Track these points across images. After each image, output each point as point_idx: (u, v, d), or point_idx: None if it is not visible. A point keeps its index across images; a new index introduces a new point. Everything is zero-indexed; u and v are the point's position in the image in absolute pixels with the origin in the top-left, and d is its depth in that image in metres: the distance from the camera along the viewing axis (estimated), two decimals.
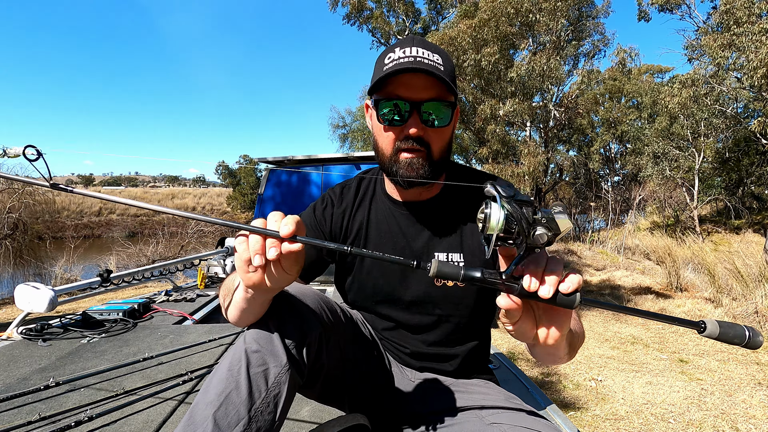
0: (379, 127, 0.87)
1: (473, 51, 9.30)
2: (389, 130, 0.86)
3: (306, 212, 0.99)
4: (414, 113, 0.82)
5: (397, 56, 0.82)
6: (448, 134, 0.88)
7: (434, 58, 0.82)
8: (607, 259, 10.02)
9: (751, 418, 2.83)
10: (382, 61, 0.85)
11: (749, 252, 6.56)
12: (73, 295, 2.56)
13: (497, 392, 0.91)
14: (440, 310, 0.94)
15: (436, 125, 0.84)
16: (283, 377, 0.68)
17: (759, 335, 0.54)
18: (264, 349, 0.68)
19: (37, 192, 10.58)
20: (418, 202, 0.95)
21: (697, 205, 12.56)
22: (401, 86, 0.82)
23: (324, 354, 0.78)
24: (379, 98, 0.84)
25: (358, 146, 19.90)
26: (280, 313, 0.72)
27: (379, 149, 0.90)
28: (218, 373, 0.67)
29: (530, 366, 3.79)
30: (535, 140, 11.76)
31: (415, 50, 0.82)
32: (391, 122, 0.84)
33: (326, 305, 0.82)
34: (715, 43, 7.93)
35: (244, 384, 0.64)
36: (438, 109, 0.83)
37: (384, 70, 0.82)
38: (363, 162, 3.89)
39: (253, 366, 0.66)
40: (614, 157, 18.60)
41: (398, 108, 0.83)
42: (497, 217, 0.51)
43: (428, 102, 0.82)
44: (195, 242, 10.99)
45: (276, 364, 0.68)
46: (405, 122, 0.83)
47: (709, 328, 0.54)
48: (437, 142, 0.86)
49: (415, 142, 0.84)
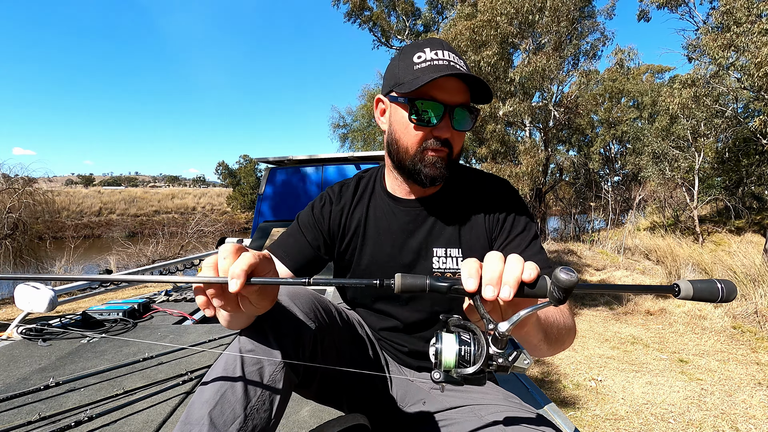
0: (406, 124, 0.86)
1: (473, 51, 9.29)
2: (419, 129, 0.86)
3: (304, 211, 1.00)
4: (446, 116, 0.83)
5: (430, 57, 0.83)
6: (465, 137, 0.92)
7: (462, 63, 0.84)
8: (607, 259, 10.03)
9: (751, 418, 2.83)
10: (410, 59, 0.85)
11: (748, 252, 6.56)
12: (73, 295, 2.56)
13: (496, 391, 0.91)
14: (438, 307, 0.95)
15: (462, 129, 0.86)
16: (278, 375, 0.68)
17: (732, 285, 0.53)
18: (258, 348, 0.69)
19: (37, 192, 10.58)
20: (417, 199, 0.96)
21: (697, 205, 12.56)
22: (436, 88, 0.82)
23: (319, 353, 0.78)
24: (414, 98, 0.84)
25: (358, 146, 19.88)
26: (273, 313, 0.72)
27: (400, 146, 0.89)
28: (214, 372, 0.68)
29: (530, 366, 3.79)
30: (535, 140, 11.76)
31: (447, 54, 0.84)
32: (423, 122, 0.85)
33: (320, 305, 0.82)
34: (715, 44, 7.93)
35: (239, 382, 0.65)
36: (466, 113, 0.85)
37: (416, 70, 0.83)
38: (363, 162, 3.89)
39: (248, 364, 0.67)
40: (614, 157, 18.60)
41: (432, 110, 0.83)
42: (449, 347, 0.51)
43: (459, 106, 0.84)
44: (195, 242, 11.00)
45: (270, 362, 0.68)
46: (437, 124, 0.84)
47: (683, 289, 0.54)
48: (458, 145, 0.88)
49: (442, 144, 0.85)
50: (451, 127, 0.84)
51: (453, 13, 13.23)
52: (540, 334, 0.67)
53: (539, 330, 0.67)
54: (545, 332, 0.69)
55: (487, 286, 0.51)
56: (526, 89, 10.07)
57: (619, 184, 18.76)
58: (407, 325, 0.97)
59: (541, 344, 0.70)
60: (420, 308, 0.95)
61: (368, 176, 1.04)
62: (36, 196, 10.36)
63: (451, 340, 0.51)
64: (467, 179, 0.98)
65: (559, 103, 11.45)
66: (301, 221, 0.98)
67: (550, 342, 0.71)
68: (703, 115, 10.82)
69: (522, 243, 0.89)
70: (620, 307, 5.89)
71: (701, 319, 5.11)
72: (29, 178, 10.44)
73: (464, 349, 0.50)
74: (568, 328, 0.76)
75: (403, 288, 0.52)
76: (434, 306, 0.95)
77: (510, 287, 0.50)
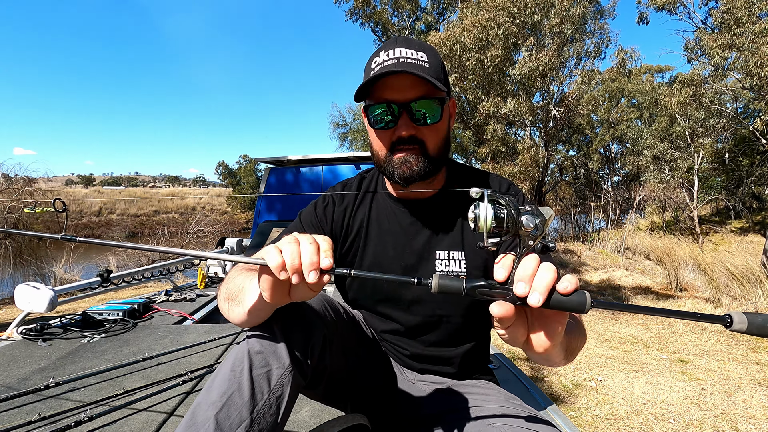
0: (372, 131, 0.88)
1: (476, 51, 9.29)
2: (381, 134, 0.86)
3: (307, 210, 0.99)
4: (404, 114, 0.82)
5: (382, 60, 0.82)
6: (442, 129, 0.88)
7: (418, 56, 0.82)
8: (607, 259, 10.02)
9: (751, 418, 2.83)
10: (369, 66, 0.85)
11: (747, 252, 6.56)
12: (73, 295, 2.56)
13: (497, 393, 0.91)
14: (441, 311, 0.94)
15: (429, 122, 0.84)
16: (285, 379, 0.67)
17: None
18: (267, 350, 0.68)
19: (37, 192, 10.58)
20: (420, 200, 0.95)
21: (696, 205, 12.56)
22: (387, 89, 0.82)
23: (327, 355, 0.78)
24: (369, 103, 0.85)
25: (358, 146, 19.88)
26: (283, 314, 0.71)
27: (374, 152, 0.91)
28: (221, 373, 0.67)
29: (530, 366, 3.79)
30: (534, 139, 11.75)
31: (398, 51, 0.82)
32: (382, 126, 0.85)
33: (330, 306, 0.82)
34: (715, 43, 7.92)
35: (246, 385, 0.64)
36: (428, 106, 0.83)
37: (368, 77, 0.82)
38: (363, 162, 3.89)
39: (256, 367, 0.66)
40: (614, 157, 18.60)
41: (387, 111, 0.83)
42: (485, 214, 0.51)
43: (417, 101, 0.82)
44: (195, 242, 11.00)
45: (279, 365, 0.67)
46: (396, 124, 0.83)
47: (736, 321, 0.47)
48: (432, 139, 0.86)
49: (408, 142, 0.84)
50: (413, 123, 0.83)
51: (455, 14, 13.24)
52: (563, 352, 0.64)
53: (563, 348, 0.64)
54: (567, 348, 0.66)
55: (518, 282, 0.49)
56: (528, 88, 10.06)
57: (619, 184, 18.76)
58: (409, 329, 0.96)
59: (561, 360, 0.67)
60: (422, 312, 0.94)
61: (370, 176, 1.04)
62: (36, 196, 10.36)
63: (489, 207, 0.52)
64: (470, 180, 0.97)
65: (559, 102, 11.44)
66: (303, 219, 0.97)
67: (567, 356, 0.68)
68: (701, 115, 10.82)
69: None
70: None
71: None
72: (29, 178, 10.45)
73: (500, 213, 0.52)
74: (582, 338, 0.73)
75: (440, 288, 0.51)
76: (436, 310, 0.94)
77: (540, 294, 0.48)
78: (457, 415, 0.85)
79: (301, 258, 0.54)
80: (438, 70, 0.84)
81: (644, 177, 13.48)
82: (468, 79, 10.17)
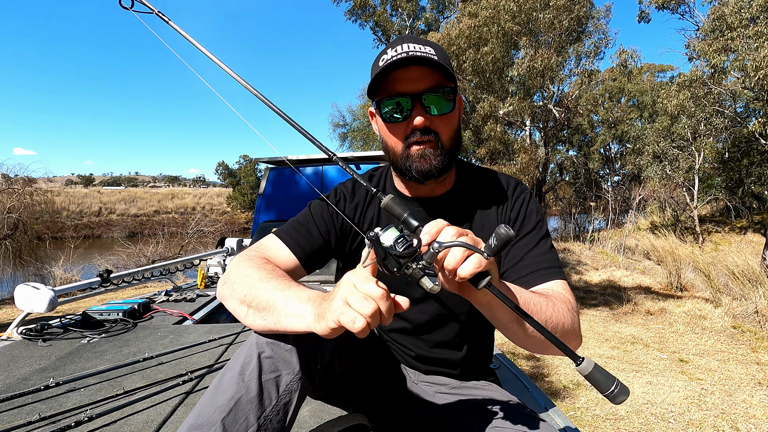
0: (385, 127, 0.87)
1: (474, 50, 9.28)
2: (395, 128, 0.85)
3: (317, 203, 0.96)
4: (416, 105, 0.82)
5: (390, 56, 0.82)
6: (455, 121, 0.87)
7: (426, 50, 0.82)
8: (607, 258, 10.02)
9: (751, 418, 2.83)
10: (377, 63, 0.85)
11: (747, 252, 6.56)
12: (73, 295, 2.56)
13: (500, 394, 0.91)
14: (449, 308, 0.93)
15: (441, 112, 0.84)
16: (294, 385, 0.67)
17: (624, 394, 0.54)
18: (277, 355, 0.67)
19: (37, 192, 10.58)
20: (430, 199, 0.94)
21: (697, 205, 12.57)
22: (398, 82, 0.82)
23: (336, 361, 0.77)
24: (380, 98, 0.84)
25: (358, 146, 19.87)
26: None
27: (389, 149, 0.88)
28: (228, 376, 0.66)
29: (531, 366, 3.79)
30: (535, 139, 11.76)
31: (407, 46, 0.82)
32: (396, 119, 0.84)
33: None
34: (711, 48, 7.94)
35: (254, 390, 0.64)
36: (440, 96, 0.83)
37: (377, 73, 0.82)
38: (363, 162, 3.89)
39: (265, 372, 0.65)
40: (614, 157, 18.61)
41: (400, 104, 0.83)
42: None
43: (428, 91, 0.82)
44: (195, 242, 11.00)
45: (288, 371, 0.67)
46: (409, 116, 0.83)
47: (583, 365, 0.55)
48: (445, 130, 0.85)
49: (423, 134, 0.83)
50: (426, 113, 0.82)
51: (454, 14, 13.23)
52: (510, 315, 0.65)
53: (521, 326, 0.66)
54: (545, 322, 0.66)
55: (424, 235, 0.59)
56: (528, 88, 10.06)
57: (619, 184, 18.77)
58: (416, 327, 0.96)
59: (514, 326, 0.67)
60: (429, 310, 0.94)
61: (378, 174, 1.03)
62: (36, 196, 10.37)
63: (394, 231, 0.57)
64: (479, 178, 0.96)
65: (559, 102, 11.45)
66: (314, 211, 0.94)
67: (526, 329, 0.67)
68: (703, 115, 10.83)
69: (531, 241, 0.87)
70: (620, 307, 5.90)
71: (701, 318, 5.11)
72: (29, 178, 10.45)
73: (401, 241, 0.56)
74: (563, 327, 0.70)
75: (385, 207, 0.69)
76: (444, 308, 0.93)
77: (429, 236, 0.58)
78: (459, 416, 0.85)
79: (381, 313, 0.55)
80: (446, 63, 0.84)
81: (645, 173, 13.48)
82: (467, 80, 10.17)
